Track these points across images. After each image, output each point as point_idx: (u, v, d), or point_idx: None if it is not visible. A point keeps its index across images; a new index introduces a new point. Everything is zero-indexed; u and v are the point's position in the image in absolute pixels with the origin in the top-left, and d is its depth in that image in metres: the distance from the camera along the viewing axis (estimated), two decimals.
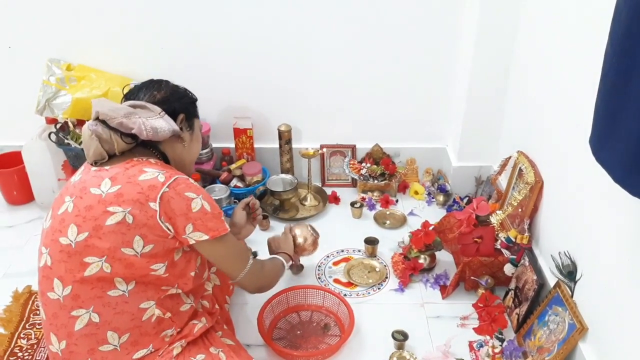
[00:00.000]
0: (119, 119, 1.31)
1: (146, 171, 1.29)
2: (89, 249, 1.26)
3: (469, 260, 1.90)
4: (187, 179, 1.33)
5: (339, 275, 2.04)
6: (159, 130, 1.35)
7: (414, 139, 2.56)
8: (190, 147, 1.49)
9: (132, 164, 1.32)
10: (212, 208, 1.34)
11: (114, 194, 1.26)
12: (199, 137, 1.54)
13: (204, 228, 1.31)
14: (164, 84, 1.47)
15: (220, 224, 1.35)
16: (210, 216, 1.32)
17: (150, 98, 1.42)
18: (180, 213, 1.28)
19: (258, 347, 1.71)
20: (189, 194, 1.30)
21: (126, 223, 1.25)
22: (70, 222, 1.27)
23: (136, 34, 2.30)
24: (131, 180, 1.27)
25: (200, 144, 1.56)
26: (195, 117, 1.52)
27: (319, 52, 2.34)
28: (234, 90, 2.42)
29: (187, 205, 1.29)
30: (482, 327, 1.77)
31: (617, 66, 1.02)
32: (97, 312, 1.28)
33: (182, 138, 1.45)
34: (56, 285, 1.29)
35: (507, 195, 2.09)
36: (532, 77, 1.97)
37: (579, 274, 1.55)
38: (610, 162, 1.08)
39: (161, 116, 1.37)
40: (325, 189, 2.55)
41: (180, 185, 1.29)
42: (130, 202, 1.25)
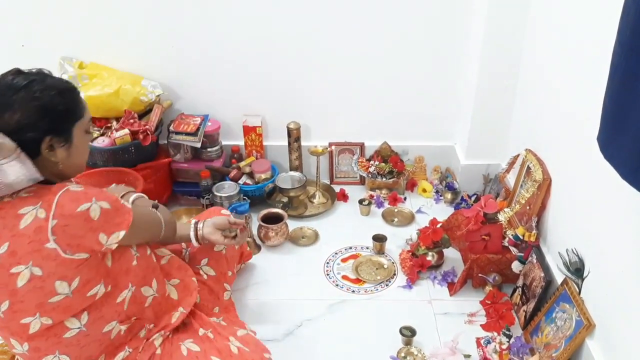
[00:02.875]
0: None
1: (22, 213, 1.11)
2: (18, 314, 1.17)
3: (476, 258, 1.90)
4: (67, 190, 1.13)
5: (347, 271, 2.06)
6: (16, 185, 1.10)
7: (423, 137, 2.57)
8: (68, 161, 1.23)
9: (5, 210, 1.13)
10: (110, 202, 1.18)
11: (7, 254, 1.12)
12: (82, 144, 1.26)
13: (116, 227, 1.19)
14: (19, 95, 1.13)
15: (124, 212, 1.22)
16: (114, 212, 1.19)
17: (4, 124, 1.12)
18: (84, 232, 1.14)
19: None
20: (81, 208, 1.13)
21: (37, 277, 1.13)
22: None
23: (148, 33, 2.32)
24: (15, 233, 1.11)
25: (86, 150, 1.30)
26: (75, 122, 1.22)
27: (328, 50, 2.35)
28: (243, 88, 2.44)
29: (86, 219, 1.13)
30: (490, 323, 1.78)
31: (625, 64, 1.03)
32: (64, 353, 1.25)
33: (55, 157, 1.20)
34: (14, 343, 1.23)
35: (515, 193, 2.09)
36: (540, 75, 1.97)
37: (587, 271, 1.55)
38: (618, 159, 1.09)
39: (15, 157, 1.10)
40: (333, 186, 2.57)
41: (67, 205, 1.12)
42: (28, 256, 1.11)
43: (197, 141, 2.33)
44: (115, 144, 2.18)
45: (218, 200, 2.26)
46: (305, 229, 2.30)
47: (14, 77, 1.16)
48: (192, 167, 2.42)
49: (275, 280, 2.01)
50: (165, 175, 2.39)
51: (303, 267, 2.09)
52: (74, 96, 1.23)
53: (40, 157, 1.17)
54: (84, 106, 1.25)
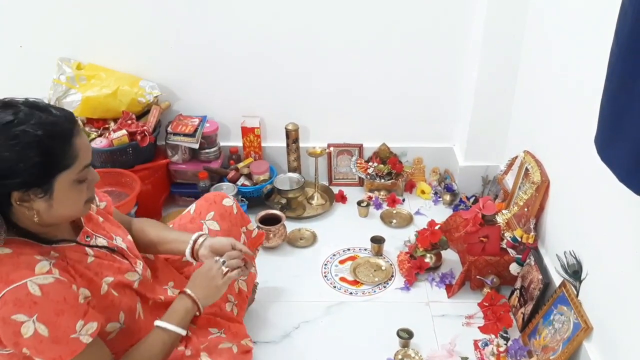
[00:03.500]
0: None
1: None
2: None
3: (474, 260, 1.90)
4: (21, 289, 0.98)
5: (345, 273, 2.05)
6: None
7: (421, 139, 2.56)
8: (50, 213, 1.06)
9: None
10: (52, 330, 1.00)
11: None
12: (70, 194, 1.07)
13: (43, 355, 1.02)
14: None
15: (66, 348, 1.03)
16: (48, 342, 1.01)
17: None
18: (9, 343, 1.01)
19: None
20: (17, 317, 0.98)
21: None
22: None
23: (146, 33, 2.31)
24: None
25: (78, 198, 1.10)
26: (58, 174, 1.03)
27: (327, 51, 2.35)
28: (242, 89, 2.43)
29: (16, 332, 0.99)
30: (487, 326, 1.78)
31: (622, 65, 1.03)
32: None
33: (31, 209, 1.04)
34: None
35: (513, 194, 2.09)
36: (538, 78, 1.97)
37: (585, 273, 1.55)
38: (615, 162, 1.09)
39: None
40: (332, 187, 2.56)
41: (7, 306, 0.98)
42: None
43: (195, 142, 2.33)
44: (113, 145, 2.18)
45: None
46: (303, 230, 2.30)
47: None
48: (190, 168, 2.42)
49: (273, 282, 2.01)
50: (163, 177, 2.39)
51: (301, 268, 2.09)
52: (60, 143, 1.02)
53: (13, 208, 1.03)
54: (77, 153, 1.04)
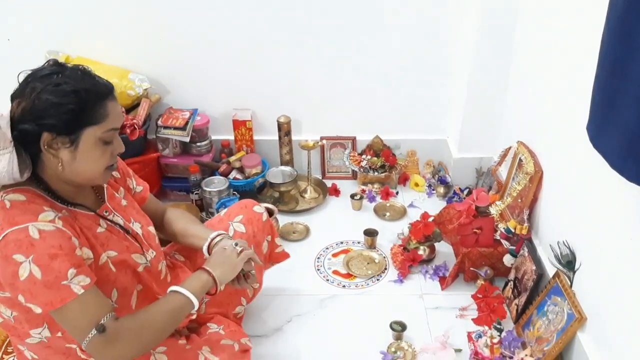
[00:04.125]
0: None
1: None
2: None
3: (468, 251, 1.89)
4: (22, 231, 1.04)
5: (338, 266, 2.04)
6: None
7: (415, 131, 2.55)
8: (73, 166, 1.12)
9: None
10: (46, 273, 1.05)
11: None
12: (94, 152, 1.14)
13: (35, 300, 1.06)
14: (39, 83, 1.07)
15: (56, 294, 1.06)
16: (41, 286, 1.05)
17: (12, 109, 1.08)
18: (6, 283, 1.06)
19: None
20: (17, 257, 1.03)
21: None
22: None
23: (135, 26, 2.29)
24: None
25: (99, 160, 1.16)
26: (86, 126, 1.11)
27: (319, 43, 2.32)
28: (233, 81, 2.41)
29: (14, 273, 1.04)
30: (481, 317, 1.77)
31: (613, 52, 1.02)
32: (31, 350, 1.24)
33: (57, 158, 1.11)
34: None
35: (507, 185, 2.08)
36: (531, 68, 1.95)
37: (578, 263, 1.54)
38: (607, 149, 1.08)
39: (8, 151, 1.05)
40: (325, 181, 2.55)
41: (8, 246, 1.03)
42: None
43: (186, 136, 2.31)
44: None
45: (208, 195, 2.24)
46: (296, 224, 2.28)
47: (43, 68, 1.12)
48: (181, 162, 2.40)
49: (266, 276, 1.98)
50: (153, 171, 2.36)
51: (294, 262, 2.05)
52: (94, 99, 1.11)
53: (42, 154, 1.11)
54: (106, 114, 1.13)
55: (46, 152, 1.10)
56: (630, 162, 1.00)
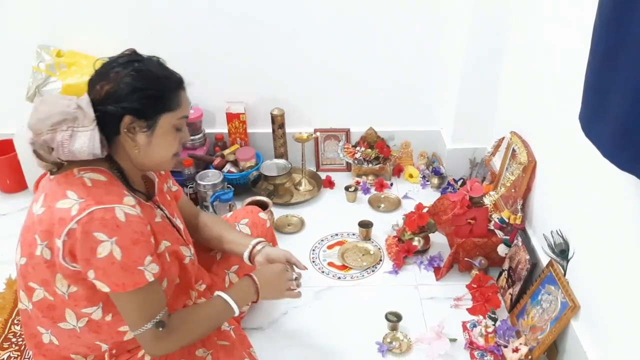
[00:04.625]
0: (44, 135, 1.09)
1: (67, 196, 1.10)
2: (29, 276, 1.18)
3: (462, 242, 1.90)
4: (109, 211, 1.08)
5: (333, 258, 2.04)
6: (77, 153, 1.10)
7: (409, 122, 2.55)
8: (148, 150, 1.19)
9: (66, 180, 1.13)
10: (125, 256, 1.10)
11: (38, 220, 1.12)
12: (168, 138, 1.21)
13: (106, 279, 1.11)
14: (122, 69, 1.13)
15: (131, 278, 1.12)
16: (118, 268, 1.09)
17: (95, 91, 1.13)
18: (82, 257, 1.09)
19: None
20: (98, 235, 1.07)
21: (44, 258, 1.12)
22: (19, 240, 1.19)
23: (127, 19, 2.27)
24: (51, 205, 1.10)
25: (171, 146, 1.23)
26: (164, 112, 1.17)
27: (312, 35, 2.31)
28: (226, 74, 2.40)
29: (92, 249, 1.08)
30: (476, 307, 1.78)
31: (605, 40, 1.02)
32: (54, 335, 1.24)
33: (134, 141, 1.17)
34: (22, 296, 1.24)
35: (500, 176, 2.08)
36: (524, 58, 1.95)
37: (571, 252, 1.55)
38: (599, 138, 1.08)
39: (90, 129, 1.10)
40: (319, 173, 2.55)
41: (93, 223, 1.07)
42: (45, 235, 1.11)
43: None
44: None
45: (202, 189, 2.23)
46: (290, 216, 2.28)
47: (124, 55, 1.18)
48: None
49: None
50: None
51: None
52: (172, 87, 1.19)
53: (120, 136, 1.16)
54: (180, 102, 1.20)
55: (125, 134, 1.15)
56: (622, 151, 1.00)
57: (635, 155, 0.98)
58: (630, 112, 0.96)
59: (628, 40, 0.95)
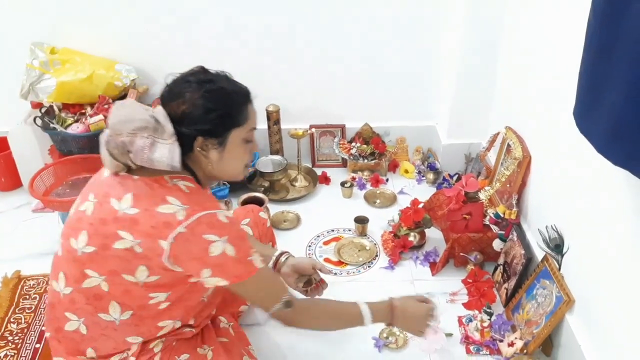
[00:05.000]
0: (123, 137, 1.14)
1: (169, 202, 1.15)
2: (92, 264, 1.19)
3: (458, 237, 1.90)
4: (213, 215, 1.16)
5: (329, 254, 2.05)
6: (156, 162, 1.16)
7: (404, 118, 2.55)
8: (220, 164, 1.24)
9: (160, 185, 1.18)
10: (238, 251, 1.18)
11: (130, 219, 1.15)
12: (238, 151, 1.26)
13: (224, 274, 1.19)
14: (196, 89, 1.18)
15: (245, 268, 1.20)
16: (233, 262, 1.18)
17: (172, 108, 1.18)
18: (194, 257, 1.15)
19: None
20: (209, 237, 1.14)
21: (133, 251, 1.15)
22: (84, 228, 1.20)
23: (121, 17, 2.26)
24: (150, 209, 1.15)
25: (242, 158, 1.29)
26: (233, 128, 1.22)
27: (307, 31, 2.31)
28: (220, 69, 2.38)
29: (205, 249, 1.14)
30: (471, 302, 1.78)
31: (599, 36, 1.02)
32: (86, 325, 1.25)
33: (207, 157, 1.23)
34: (60, 279, 1.25)
35: (495, 171, 2.09)
36: (519, 53, 1.96)
37: (566, 247, 1.56)
38: (593, 133, 1.08)
39: (170, 142, 1.16)
40: (315, 169, 2.55)
41: (201, 226, 1.14)
42: (142, 234, 1.14)
43: None
44: (90, 130, 2.14)
45: None
46: (286, 212, 2.28)
47: (195, 72, 1.23)
48: None
49: None
50: None
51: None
52: (240, 103, 1.24)
53: (193, 153, 1.21)
54: (248, 116, 1.25)
55: (198, 153, 1.21)
56: (616, 146, 1.01)
57: (629, 151, 0.98)
58: (624, 107, 0.96)
59: (622, 36, 0.95)
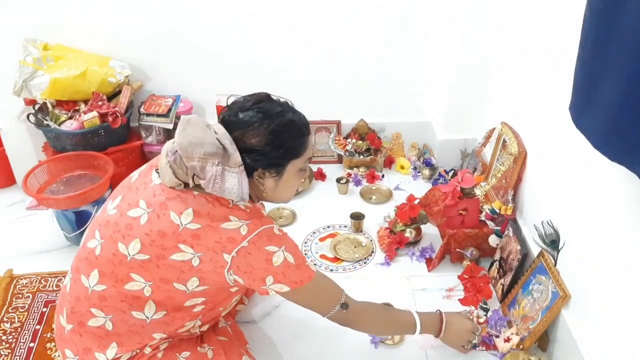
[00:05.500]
0: (194, 162, 1.15)
1: (231, 219, 1.19)
2: (141, 270, 1.21)
3: (454, 233, 1.90)
4: (270, 229, 1.22)
5: (325, 251, 2.04)
6: (227, 192, 1.18)
7: (399, 113, 2.55)
8: (274, 192, 1.30)
9: (221, 204, 1.21)
10: (296, 258, 1.25)
11: (192, 233, 1.17)
12: (293, 180, 1.31)
13: (286, 280, 1.24)
14: (266, 122, 1.20)
15: (303, 274, 1.26)
16: (294, 268, 1.24)
17: (239, 137, 1.20)
18: (259, 267, 1.21)
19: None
20: (270, 248, 1.20)
21: (190, 264, 1.19)
22: (137, 236, 1.20)
23: (114, 12, 2.24)
24: (213, 225, 1.18)
25: (296, 186, 1.35)
26: (292, 160, 1.26)
27: (302, 27, 2.30)
28: (216, 66, 2.38)
29: (268, 260, 1.20)
30: (468, 298, 1.78)
31: (595, 32, 1.02)
32: (113, 322, 1.26)
33: (263, 185, 1.27)
34: (93, 275, 1.25)
35: (491, 167, 2.09)
36: (515, 48, 1.95)
37: (562, 242, 1.56)
38: (589, 129, 1.08)
39: (237, 172, 1.19)
40: (311, 165, 2.53)
41: (262, 239, 1.20)
42: (204, 248, 1.18)
43: (169, 123, 2.29)
44: (84, 127, 2.12)
45: None
46: (282, 209, 2.28)
47: (262, 100, 1.25)
48: None
49: None
50: (137, 159, 2.34)
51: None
52: (302, 136, 1.27)
53: (251, 179, 1.25)
54: (306, 147, 1.28)
55: (255, 181, 1.26)
56: (612, 142, 1.01)
57: (625, 146, 0.98)
58: (620, 102, 0.96)
59: (618, 32, 0.95)
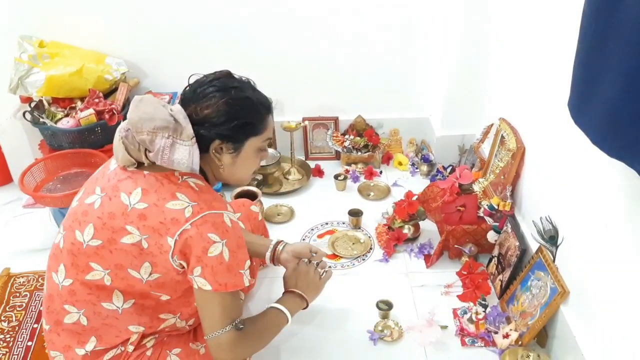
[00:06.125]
0: (143, 135, 1.14)
1: (178, 198, 1.16)
2: (97, 257, 1.20)
3: (452, 229, 1.90)
4: (219, 215, 1.17)
5: (323, 247, 2.04)
6: (175, 163, 1.16)
7: (397, 109, 2.54)
8: (231, 169, 1.27)
9: (170, 181, 1.19)
10: (232, 259, 1.17)
11: (138, 213, 1.16)
12: (251, 159, 1.29)
13: (212, 279, 1.17)
14: (220, 94, 1.19)
15: (232, 278, 1.19)
16: (225, 268, 1.17)
17: (193, 110, 1.19)
18: (194, 253, 1.15)
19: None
20: (212, 236, 1.15)
21: (140, 247, 1.17)
22: (91, 221, 1.20)
23: (110, 9, 2.23)
24: (159, 204, 1.16)
25: (254, 166, 1.32)
26: (251, 137, 1.25)
27: (299, 23, 2.29)
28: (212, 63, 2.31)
29: (204, 248, 1.15)
30: (466, 294, 1.78)
31: (594, 26, 1.01)
32: (86, 316, 1.25)
33: (220, 160, 1.25)
34: (60, 271, 1.25)
35: (489, 162, 2.08)
36: (513, 44, 1.95)
37: (560, 238, 1.55)
38: (588, 125, 1.08)
39: (189, 144, 1.16)
40: (308, 162, 2.53)
41: (206, 225, 1.15)
42: (150, 230, 1.16)
43: None
44: (81, 124, 2.11)
45: None
46: (280, 206, 2.27)
47: (221, 77, 1.24)
48: None
49: None
50: None
51: None
52: (258, 113, 1.25)
53: (207, 154, 1.23)
54: (266, 126, 1.27)
55: (212, 155, 1.23)
56: (611, 138, 1.00)
57: (624, 142, 0.98)
58: (619, 98, 0.95)
59: (617, 26, 0.94)
